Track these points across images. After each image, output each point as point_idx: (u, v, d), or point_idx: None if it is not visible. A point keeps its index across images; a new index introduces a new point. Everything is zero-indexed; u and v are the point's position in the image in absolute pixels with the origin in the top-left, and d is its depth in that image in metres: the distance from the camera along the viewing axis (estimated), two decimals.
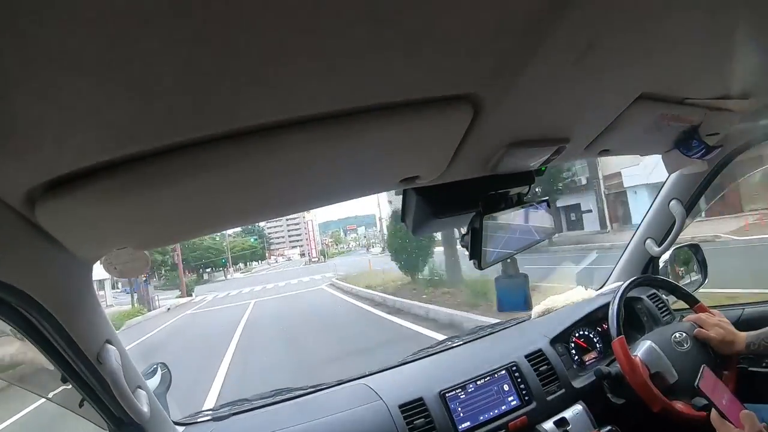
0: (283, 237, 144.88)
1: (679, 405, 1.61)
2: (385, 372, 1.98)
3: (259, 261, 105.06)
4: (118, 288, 35.19)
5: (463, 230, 1.24)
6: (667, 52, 0.86)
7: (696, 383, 1.50)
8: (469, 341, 2.18)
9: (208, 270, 67.85)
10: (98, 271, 1.02)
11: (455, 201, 1.20)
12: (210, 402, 6.38)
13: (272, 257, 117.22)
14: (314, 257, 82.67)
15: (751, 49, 0.99)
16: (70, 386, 1.13)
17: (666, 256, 2.24)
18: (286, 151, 0.73)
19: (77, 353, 1.04)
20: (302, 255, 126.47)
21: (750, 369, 1.84)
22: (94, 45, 0.42)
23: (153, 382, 1.59)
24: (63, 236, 0.80)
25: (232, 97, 0.57)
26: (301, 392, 1.87)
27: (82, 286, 1.01)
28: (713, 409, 1.40)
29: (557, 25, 0.62)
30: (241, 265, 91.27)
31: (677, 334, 1.80)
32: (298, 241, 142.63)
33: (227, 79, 0.53)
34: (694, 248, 2.31)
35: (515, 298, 1.43)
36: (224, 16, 0.43)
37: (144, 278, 24.01)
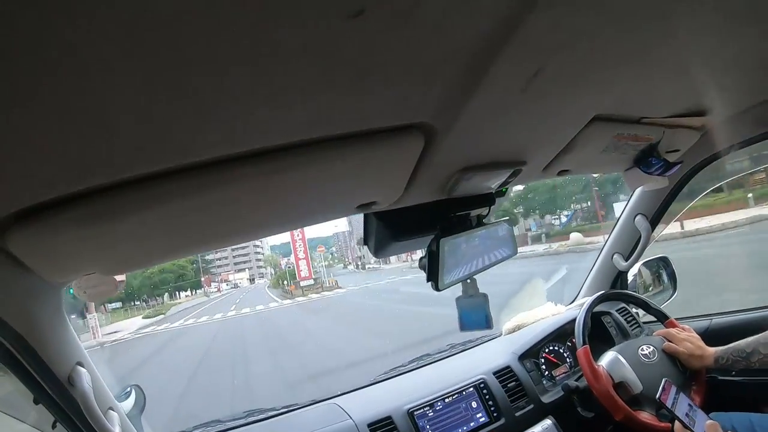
0: (226, 259, 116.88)
1: (643, 415, 1.63)
2: (356, 391, 1.98)
3: (193, 291, 74.85)
4: None
5: (422, 252, 1.24)
6: (617, 75, 0.88)
7: (657, 396, 1.51)
8: (440, 359, 2.19)
9: None
10: None
11: (414, 224, 1.21)
12: None
13: (213, 283, 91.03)
14: (306, 279, 47.35)
15: (704, 66, 1.00)
16: (44, 408, 1.12)
17: (635, 270, 2.26)
18: (243, 181, 0.73)
19: (48, 375, 1.04)
20: (252, 279, 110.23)
21: (720, 378, 1.87)
22: (55, 88, 0.43)
23: (127, 404, 1.56)
24: (32, 262, 0.80)
25: (186, 133, 0.58)
26: (274, 413, 1.86)
27: (52, 309, 1.02)
28: (676, 421, 1.42)
29: (502, 54, 0.63)
30: (166, 298, 62.77)
31: (644, 347, 1.83)
32: (245, 262, 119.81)
33: (181, 118, 0.54)
34: (663, 261, 2.34)
35: (476, 317, 1.43)
36: (176, 61, 0.44)
37: None
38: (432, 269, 1.20)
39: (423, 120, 0.76)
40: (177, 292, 68.80)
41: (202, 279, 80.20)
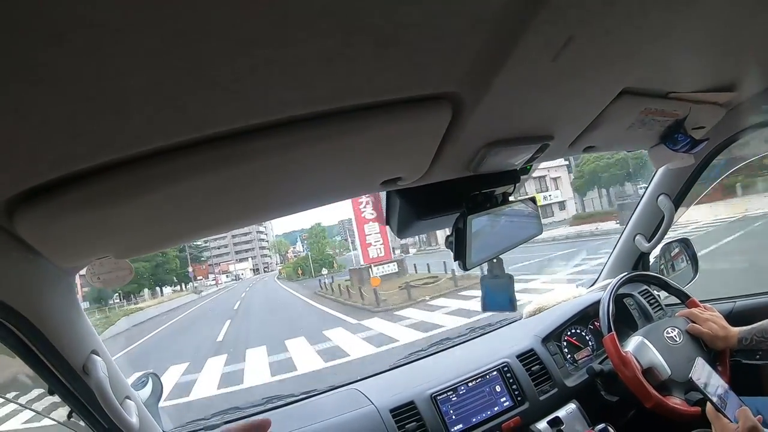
0: (226, 247, 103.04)
1: (673, 400, 1.61)
2: (376, 376, 1.98)
3: (183, 284, 60.65)
4: None
5: (448, 231, 1.23)
6: (647, 46, 0.85)
7: (690, 375, 1.49)
8: (461, 343, 2.18)
9: None
10: None
11: (439, 202, 1.19)
12: None
13: (210, 275, 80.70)
14: (381, 260, 26.28)
15: (734, 40, 0.98)
16: (58, 398, 1.11)
17: (656, 251, 2.24)
18: (263, 154, 0.72)
19: (63, 365, 1.03)
20: (255, 269, 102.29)
21: (744, 362, 1.85)
22: (64, 60, 0.41)
23: (144, 393, 1.57)
24: (43, 246, 0.79)
25: (204, 105, 0.56)
26: (293, 399, 1.87)
27: (65, 296, 1.01)
28: (708, 403, 1.40)
29: (533, 22, 0.61)
30: (147, 294, 49.59)
31: (669, 329, 1.80)
32: (248, 251, 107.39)
33: (198, 89, 0.52)
34: (684, 243, 2.31)
35: (500, 298, 1.42)
36: (192, 29, 0.43)
37: None
38: (459, 248, 1.18)
39: (450, 90, 0.74)
40: (159, 287, 53.89)
41: (190, 270, 63.08)
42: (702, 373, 1.49)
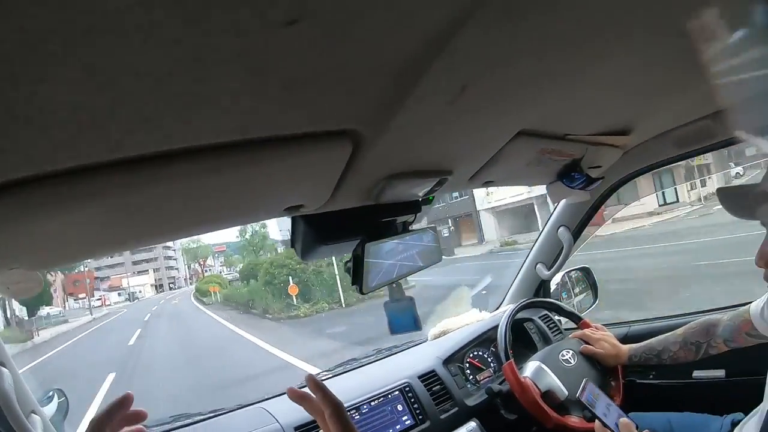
0: (120, 255, 70.40)
1: (572, 419, 1.71)
2: (284, 395, 1.96)
3: (33, 309, 34.26)
4: None
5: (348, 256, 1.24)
6: (542, 93, 0.91)
7: (577, 395, 1.59)
8: (366, 364, 2.20)
9: None
10: None
11: (341, 229, 1.21)
12: None
13: (97, 292, 64.98)
14: None
15: (628, 89, 1.05)
16: None
17: (558, 279, 2.35)
18: (172, 178, 0.72)
19: None
20: (159, 286, 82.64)
21: (639, 381, 2.02)
22: None
23: (50, 409, 1.50)
24: None
25: (121, 130, 0.57)
26: (200, 417, 1.83)
27: None
28: (596, 420, 1.49)
29: (429, 70, 0.64)
30: None
31: (564, 352, 1.92)
32: (149, 260, 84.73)
33: (113, 116, 0.53)
34: (585, 271, 2.46)
35: (404, 320, 1.45)
36: (112, 65, 0.44)
37: None
38: (357, 273, 1.20)
39: (351, 127, 0.76)
40: None
41: (55, 288, 42.09)
42: (587, 392, 1.59)
